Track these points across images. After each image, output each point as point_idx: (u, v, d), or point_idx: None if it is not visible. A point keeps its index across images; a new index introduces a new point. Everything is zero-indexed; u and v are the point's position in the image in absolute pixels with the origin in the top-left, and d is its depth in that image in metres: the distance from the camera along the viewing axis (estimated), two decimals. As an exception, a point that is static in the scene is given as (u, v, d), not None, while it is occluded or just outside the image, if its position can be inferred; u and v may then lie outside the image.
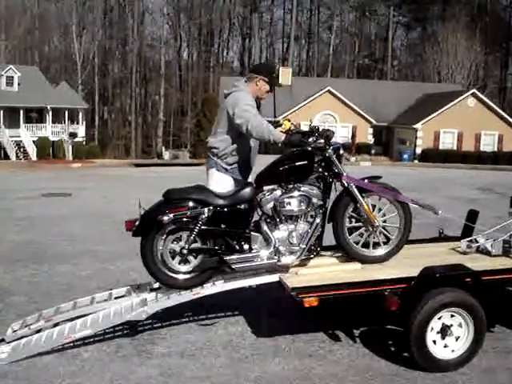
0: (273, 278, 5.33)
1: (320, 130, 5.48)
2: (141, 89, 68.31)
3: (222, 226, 5.24)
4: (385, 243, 5.61)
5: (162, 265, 5.25)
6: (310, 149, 5.23)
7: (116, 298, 5.77)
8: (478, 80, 63.69)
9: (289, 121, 5.81)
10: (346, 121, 47.95)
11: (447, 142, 44.73)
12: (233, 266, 5.22)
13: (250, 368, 4.84)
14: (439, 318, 4.79)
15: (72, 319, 5.46)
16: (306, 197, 5.27)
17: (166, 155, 50.37)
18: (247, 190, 5.30)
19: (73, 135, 45.93)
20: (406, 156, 43.95)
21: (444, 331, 4.81)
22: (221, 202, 5.22)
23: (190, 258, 5.29)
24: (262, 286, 5.49)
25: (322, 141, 5.29)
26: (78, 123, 49.21)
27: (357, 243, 5.57)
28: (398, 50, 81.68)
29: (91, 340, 5.31)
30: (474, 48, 58.69)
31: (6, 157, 42.68)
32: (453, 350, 4.86)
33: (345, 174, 5.37)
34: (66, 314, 5.56)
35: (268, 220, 5.35)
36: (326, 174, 5.39)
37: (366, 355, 5.13)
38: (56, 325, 5.44)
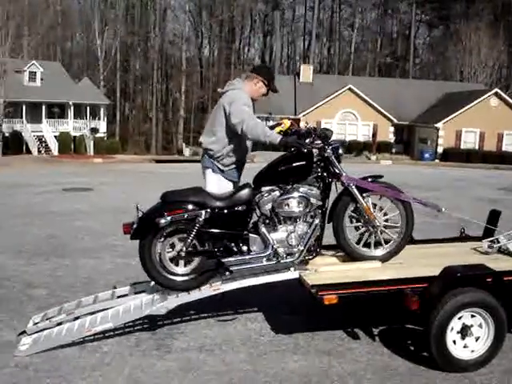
0: (293, 275, 5.34)
1: (317, 130, 5.45)
2: (162, 85, 68.53)
3: (220, 227, 5.23)
4: (386, 243, 5.56)
5: (160, 267, 5.27)
6: (305, 150, 5.17)
7: (136, 292, 5.82)
8: (501, 79, 63.08)
9: (289, 120, 5.75)
10: (366, 119, 47.78)
11: (469, 141, 44.34)
12: (231, 268, 5.22)
13: (268, 364, 4.86)
14: (459, 318, 4.76)
15: (93, 313, 5.52)
16: (304, 197, 5.24)
17: (187, 152, 50.53)
18: (245, 192, 5.29)
19: (94, 131, 46.28)
20: (427, 155, 43.65)
21: (464, 331, 4.79)
22: (218, 203, 5.22)
23: (188, 260, 5.30)
24: (281, 282, 5.52)
25: (320, 141, 5.27)
26: (99, 119, 49.49)
27: (359, 243, 5.55)
28: (421, 48, 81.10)
29: (111, 334, 5.37)
30: (497, 47, 58.05)
31: (28, 151, 43.06)
32: (472, 351, 4.83)
33: (344, 173, 5.33)
34: (86, 307, 5.62)
35: (266, 221, 5.33)
36: (325, 174, 5.35)
37: (384, 354, 5.12)
38: (77, 318, 5.51)
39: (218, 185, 5.58)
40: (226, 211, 5.22)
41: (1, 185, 18.54)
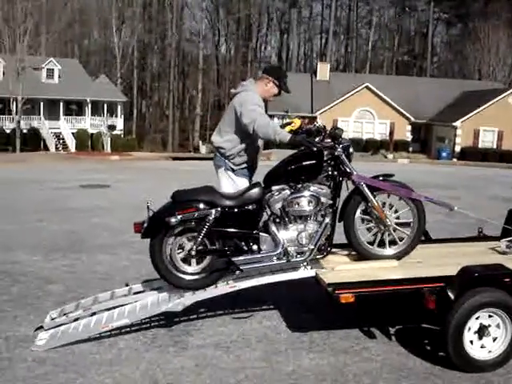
0: (309, 273, 5.33)
1: (327, 129, 5.45)
2: (179, 83, 68.69)
3: (230, 226, 5.24)
4: (399, 241, 5.53)
5: (171, 265, 5.31)
6: (315, 149, 5.17)
7: (152, 289, 5.84)
8: (520, 78, 62.48)
9: (299, 119, 5.73)
10: (384, 117, 47.59)
11: (487, 140, 44.00)
12: (241, 267, 5.22)
13: (284, 362, 4.85)
14: (477, 318, 4.73)
15: (109, 309, 5.56)
16: (314, 196, 5.24)
17: (203, 149, 50.63)
18: (255, 191, 5.29)
19: (111, 128, 46.53)
20: (444, 154, 43.36)
21: (481, 331, 4.75)
22: (228, 202, 5.23)
23: (199, 259, 5.33)
24: (297, 280, 5.52)
25: (329, 140, 5.26)
26: (116, 116, 49.73)
27: (371, 242, 5.52)
28: (438, 46, 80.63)
29: (128, 329, 5.39)
30: (516, 45, 57.57)
31: (46, 148, 43.40)
32: (490, 351, 4.79)
33: (355, 172, 5.32)
34: (103, 303, 5.66)
35: (277, 220, 5.34)
36: (335, 172, 5.34)
37: (401, 353, 5.09)
38: (94, 314, 5.54)
39: (231, 183, 5.61)
40: (236, 210, 5.24)
41: (19, 181, 18.71)
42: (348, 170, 5.31)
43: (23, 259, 8.11)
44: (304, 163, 5.25)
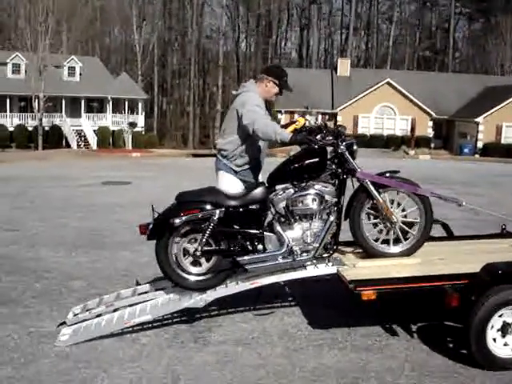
0: (331, 270, 5.32)
1: (329, 127, 5.43)
2: (199, 80, 68.88)
3: (235, 227, 5.26)
4: (406, 239, 5.46)
5: (177, 266, 5.34)
6: (316, 147, 5.15)
7: (174, 286, 5.86)
8: (544, 73, 61.70)
9: (303, 117, 5.69)
10: (405, 113, 47.29)
11: (510, 136, 43.43)
12: (246, 267, 5.24)
13: (305, 359, 4.85)
14: (500, 316, 4.68)
15: (131, 305, 5.59)
16: (319, 194, 5.22)
17: (223, 146, 50.59)
18: (259, 190, 5.30)
19: (132, 125, 46.77)
20: (466, 150, 42.92)
21: (505, 329, 4.70)
22: (233, 202, 5.24)
23: (204, 259, 5.35)
24: (318, 277, 5.51)
25: (331, 138, 5.23)
26: (137, 113, 49.98)
27: (378, 240, 5.48)
28: (460, 41, 79.82)
29: (150, 326, 5.41)
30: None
31: (68, 145, 43.75)
32: (513, 349, 4.75)
33: (359, 169, 5.28)
34: (125, 299, 5.70)
35: (282, 219, 5.33)
36: (339, 170, 5.32)
37: (423, 351, 5.06)
38: (116, 310, 5.58)
39: (230, 186, 5.58)
40: (240, 210, 5.26)
41: (41, 178, 18.89)
42: (352, 167, 5.28)
43: (46, 256, 8.19)
44: (307, 162, 5.24)
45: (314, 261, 5.35)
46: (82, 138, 44.92)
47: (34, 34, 41.49)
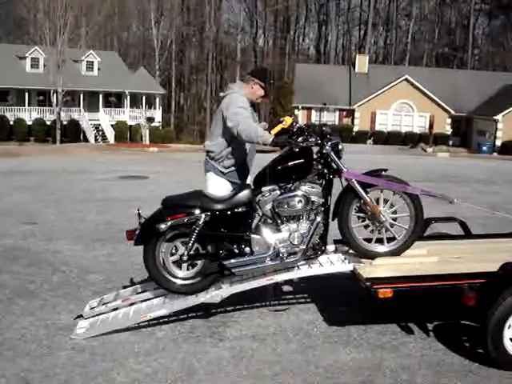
0: (347, 267, 5.31)
1: (311, 127, 5.40)
2: (216, 75, 68.89)
3: (222, 230, 5.26)
4: (394, 238, 5.42)
5: (164, 271, 5.36)
6: (297, 150, 5.14)
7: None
8: None
9: (291, 116, 5.63)
10: (423, 110, 47.04)
11: (529, 134, 43.06)
12: (233, 270, 5.24)
13: (320, 356, 4.84)
14: (518, 316, 4.65)
15: (148, 299, 5.62)
16: (305, 196, 5.20)
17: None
18: (244, 193, 5.29)
19: (150, 120, 46.88)
20: (485, 148, 42.60)
21: (522, 329, 4.67)
22: (218, 206, 5.25)
23: (191, 263, 5.37)
24: (334, 274, 5.50)
25: (314, 139, 5.20)
26: (154, 108, 50.12)
27: (369, 239, 5.45)
28: (479, 38, 79.06)
29: (166, 320, 5.44)
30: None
31: (85, 139, 43.97)
32: (530, 349, 4.71)
33: (345, 169, 5.25)
34: (142, 293, 5.72)
35: (268, 221, 5.33)
36: (325, 171, 5.29)
37: (439, 350, 5.03)
38: (132, 304, 5.62)
39: (218, 187, 5.59)
40: (226, 213, 5.26)
41: (60, 171, 19.01)
42: (338, 167, 5.26)
43: (64, 249, 8.25)
44: (292, 163, 5.23)
45: (306, 261, 5.37)
46: (100, 133, 45.13)
47: (53, 28, 41.69)
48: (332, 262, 5.42)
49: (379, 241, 5.44)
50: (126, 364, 4.61)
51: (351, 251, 5.51)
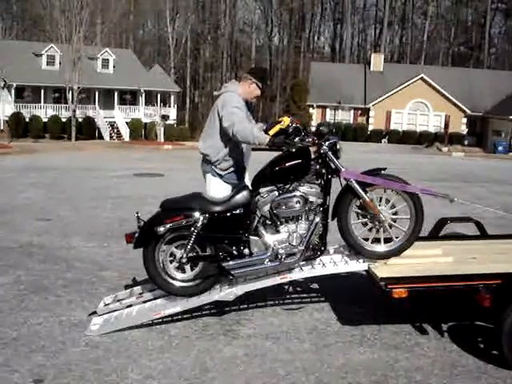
0: (362, 266, 5.29)
1: (307, 128, 5.40)
2: (231, 73, 68.85)
3: (220, 232, 5.24)
4: (396, 237, 5.37)
5: (164, 273, 5.35)
6: (294, 150, 5.10)
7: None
8: None
9: (289, 117, 5.59)
10: (438, 109, 46.79)
11: (546, 134, 42.69)
12: (232, 272, 5.21)
13: (334, 355, 4.83)
14: (534, 317, 4.60)
15: (161, 296, 5.63)
16: (302, 196, 5.16)
17: (255, 140, 50.56)
18: (243, 195, 5.27)
19: (164, 117, 46.95)
20: (500, 148, 42.21)
21: (538, 331, 4.62)
22: (216, 208, 5.23)
23: (190, 265, 5.36)
24: (348, 274, 5.48)
25: (311, 139, 5.16)
26: (169, 106, 50.16)
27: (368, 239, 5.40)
28: (496, 37, 78.46)
29: (179, 318, 5.45)
30: None
31: (100, 137, 44.12)
32: (546, 351, 4.66)
33: (343, 169, 5.21)
34: (156, 291, 5.72)
35: (267, 222, 5.30)
36: (324, 171, 5.25)
37: (453, 350, 5.00)
38: (146, 301, 5.63)
39: (218, 189, 5.58)
40: (224, 215, 5.25)
41: (75, 168, 19.12)
42: (336, 167, 5.22)
43: (78, 245, 8.29)
44: (290, 163, 5.20)
45: (303, 262, 5.34)
46: (115, 130, 45.24)
47: (69, 25, 41.81)
48: (347, 262, 5.40)
49: (377, 240, 5.40)
50: (140, 361, 4.62)
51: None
